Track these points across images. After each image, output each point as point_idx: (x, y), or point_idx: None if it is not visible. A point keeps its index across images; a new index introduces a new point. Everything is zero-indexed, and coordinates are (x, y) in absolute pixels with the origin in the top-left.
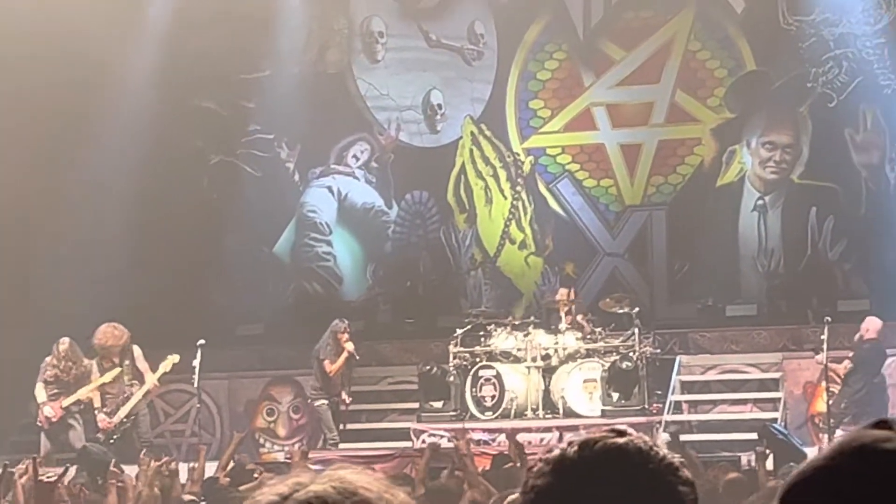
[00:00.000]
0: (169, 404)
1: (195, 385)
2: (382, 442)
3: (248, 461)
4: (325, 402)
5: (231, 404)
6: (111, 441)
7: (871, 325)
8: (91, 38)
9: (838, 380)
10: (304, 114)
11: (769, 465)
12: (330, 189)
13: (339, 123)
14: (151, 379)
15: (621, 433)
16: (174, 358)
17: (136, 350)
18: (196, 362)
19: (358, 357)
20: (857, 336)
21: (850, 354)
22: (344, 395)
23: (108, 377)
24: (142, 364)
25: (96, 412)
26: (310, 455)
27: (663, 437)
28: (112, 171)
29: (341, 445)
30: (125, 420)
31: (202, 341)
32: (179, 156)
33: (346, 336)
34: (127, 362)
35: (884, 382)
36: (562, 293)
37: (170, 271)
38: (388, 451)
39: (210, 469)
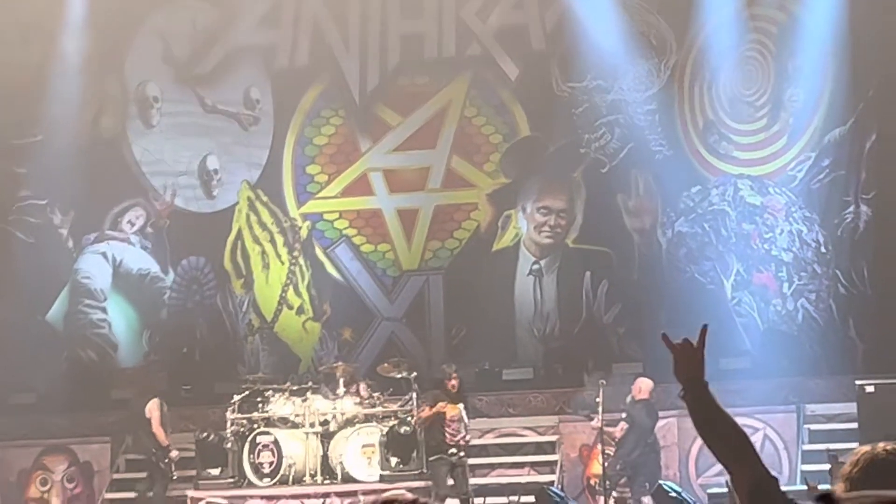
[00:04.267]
0: None
1: None
2: None
3: None
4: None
5: (3, 474)
6: None
7: (643, 386)
8: None
9: (614, 442)
10: (78, 179)
11: None
12: (104, 255)
13: (114, 189)
14: None
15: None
16: None
17: None
18: None
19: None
20: (628, 397)
21: (623, 415)
22: None
23: None
24: None
25: None
26: None
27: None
28: None
29: None
30: None
31: None
32: None
33: (451, 382)
34: None
35: (657, 443)
36: (337, 367)
37: None
38: None
39: None
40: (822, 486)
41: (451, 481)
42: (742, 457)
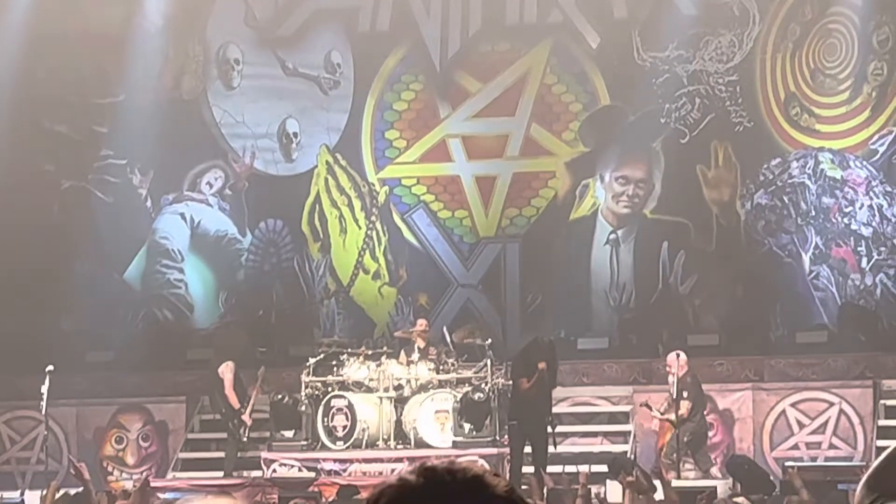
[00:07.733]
0: (15, 431)
1: (42, 411)
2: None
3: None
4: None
5: (79, 431)
6: None
7: (680, 361)
8: None
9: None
10: (158, 140)
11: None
12: (183, 216)
13: (194, 150)
14: None
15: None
16: None
17: None
18: (44, 388)
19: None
20: (677, 374)
21: (685, 393)
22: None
23: None
24: None
25: None
26: (152, 483)
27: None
28: None
29: (190, 474)
30: None
31: (51, 367)
32: (30, 180)
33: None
34: None
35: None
36: (419, 324)
37: (19, 296)
38: (238, 480)
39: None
40: None
41: (528, 448)
42: None
